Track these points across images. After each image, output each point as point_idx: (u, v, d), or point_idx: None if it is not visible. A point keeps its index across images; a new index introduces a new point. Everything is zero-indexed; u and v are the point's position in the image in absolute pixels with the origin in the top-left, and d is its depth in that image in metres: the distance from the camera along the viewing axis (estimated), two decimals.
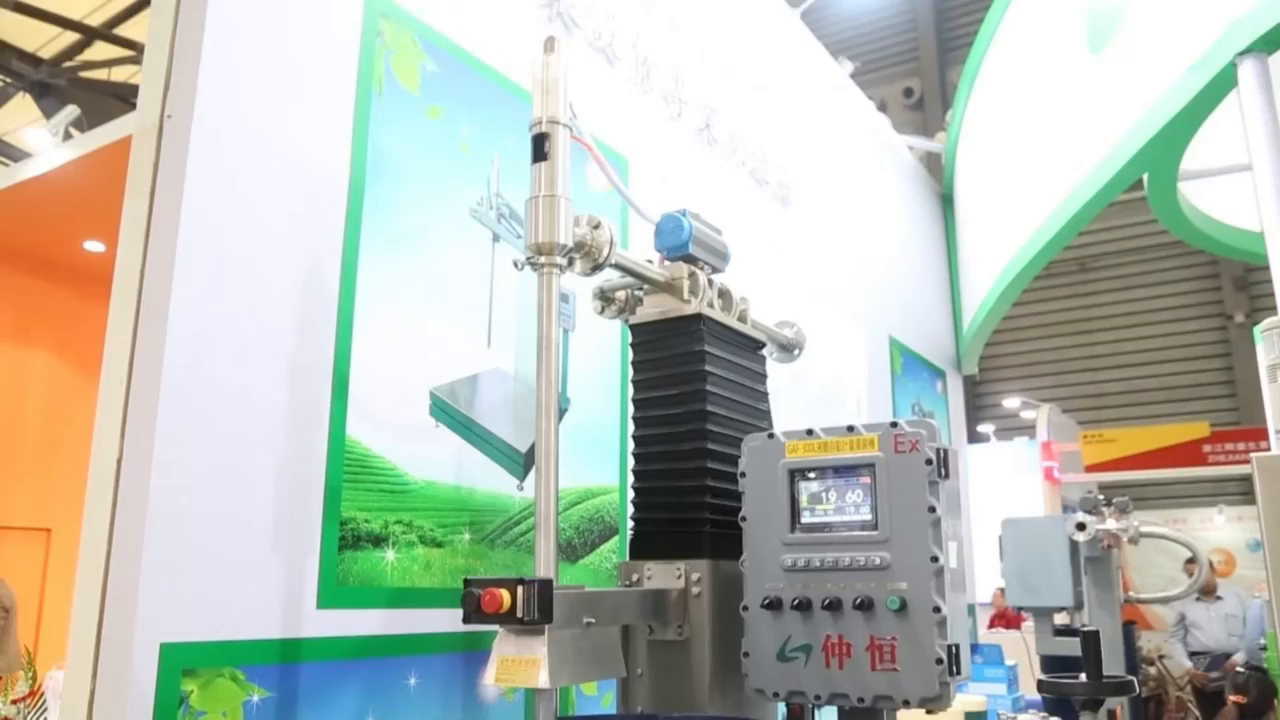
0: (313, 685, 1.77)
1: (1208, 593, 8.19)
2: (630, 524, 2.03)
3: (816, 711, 1.99)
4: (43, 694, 3.60)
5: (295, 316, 1.83)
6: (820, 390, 3.89)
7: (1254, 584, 9.33)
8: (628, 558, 2.00)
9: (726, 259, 2.21)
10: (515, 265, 1.78)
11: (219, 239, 1.72)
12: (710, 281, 2.10)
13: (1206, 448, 11.17)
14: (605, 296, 2.13)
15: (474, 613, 1.52)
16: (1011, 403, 12.24)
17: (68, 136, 4.62)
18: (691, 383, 1.99)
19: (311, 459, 1.82)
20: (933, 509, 1.72)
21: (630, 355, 2.09)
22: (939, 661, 1.68)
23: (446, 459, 2.09)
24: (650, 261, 2.09)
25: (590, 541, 2.43)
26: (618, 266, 1.92)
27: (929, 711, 1.77)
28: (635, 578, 1.94)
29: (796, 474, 1.83)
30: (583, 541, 2.41)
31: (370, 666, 1.87)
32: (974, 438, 10.86)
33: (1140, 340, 14.23)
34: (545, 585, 1.53)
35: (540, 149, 1.76)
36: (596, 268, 1.86)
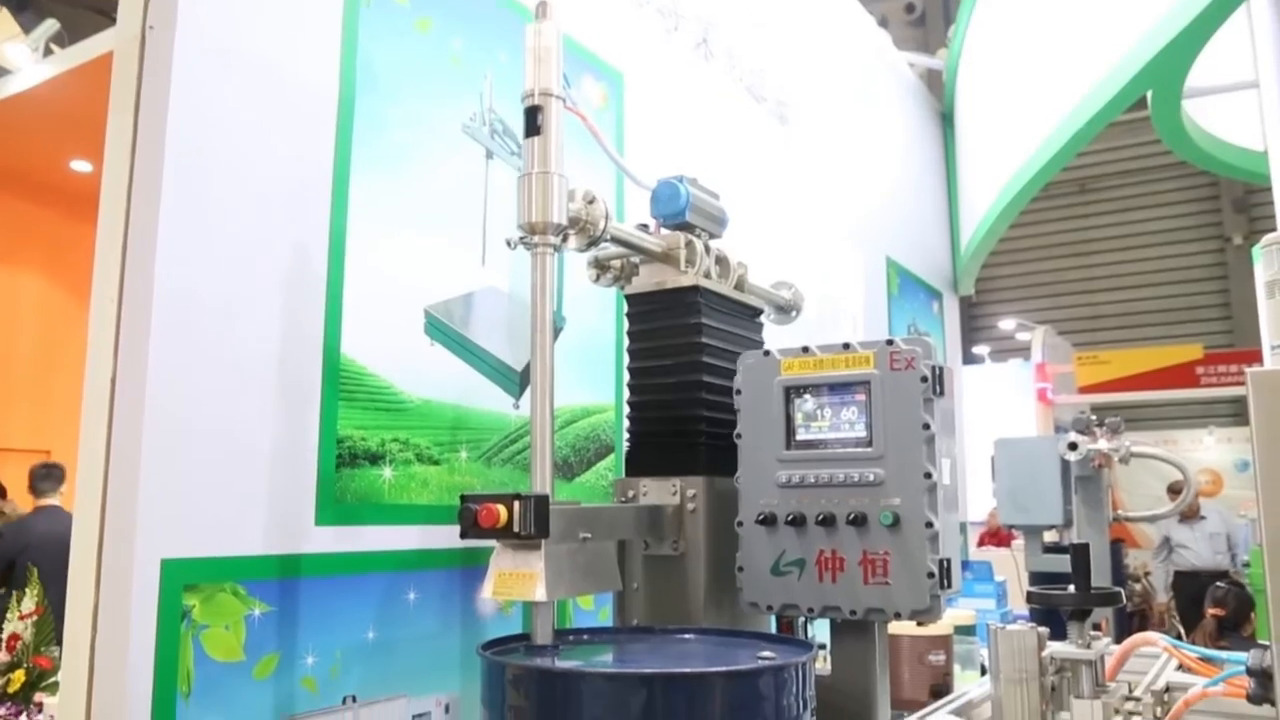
0: (313, 600, 1.79)
1: (1189, 515, 8.31)
2: (626, 440, 2.04)
3: (810, 624, 2.03)
4: (48, 613, 3.66)
5: (286, 233, 1.81)
6: (816, 310, 3.89)
7: (1240, 503, 9.48)
8: (624, 475, 2.02)
9: (724, 224, 2.18)
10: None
11: (206, 155, 1.69)
12: (708, 248, 2.08)
13: (1199, 370, 11.24)
14: (600, 264, 2.10)
15: (471, 528, 1.54)
16: (1007, 324, 12.26)
17: (48, 52, 4.51)
18: (688, 354, 1.99)
19: (306, 377, 1.81)
20: (927, 426, 1.73)
21: (625, 325, 2.08)
22: (930, 575, 1.71)
23: (443, 377, 2.09)
24: (645, 226, 2.06)
25: (586, 459, 2.45)
26: (614, 240, 1.89)
27: (919, 624, 1.80)
28: (631, 494, 1.96)
29: (792, 391, 1.84)
30: (579, 459, 2.43)
31: (369, 582, 1.90)
32: (969, 359, 10.90)
33: (1137, 262, 14.20)
34: (542, 501, 1.54)
35: (533, 122, 1.71)
36: (592, 243, 1.83)
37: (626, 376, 2.06)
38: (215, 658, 1.63)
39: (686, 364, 1.98)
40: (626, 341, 2.07)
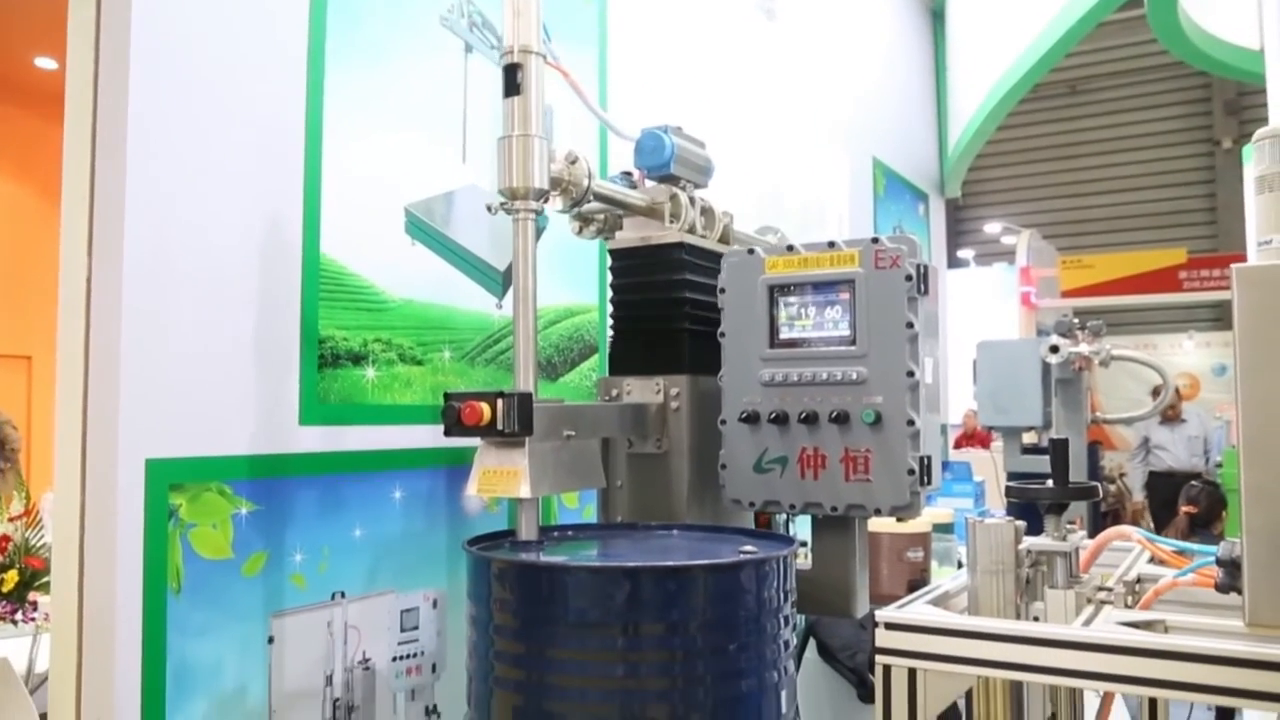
0: (299, 499, 1.80)
1: (1172, 416, 8.44)
2: (610, 338, 2.04)
3: (791, 522, 2.07)
4: (39, 513, 3.68)
5: (260, 130, 1.76)
6: (801, 211, 3.86)
7: (1216, 406, 9.63)
8: (607, 374, 2.02)
9: (709, 174, 2.13)
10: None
11: (174, 48, 1.63)
12: (692, 200, 2.04)
13: (1182, 274, 11.27)
14: (583, 217, 2.06)
15: (455, 425, 1.54)
16: (993, 228, 12.22)
17: None
18: (672, 309, 1.96)
19: (285, 276, 1.79)
20: (911, 324, 1.73)
21: (609, 278, 2.05)
22: (911, 472, 1.73)
23: (424, 277, 2.07)
24: (629, 174, 2.01)
25: (570, 360, 2.45)
26: (597, 198, 1.85)
27: (899, 520, 1.83)
28: (615, 393, 1.97)
29: (776, 290, 1.83)
30: (562, 360, 2.43)
31: (355, 481, 1.91)
32: (954, 263, 10.90)
33: (1125, 166, 14.10)
34: (525, 398, 1.54)
35: (512, 81, 1.64)
36: (575, 204, 1.79)
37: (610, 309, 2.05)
38: (204, 555, 1.65)
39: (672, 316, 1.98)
40: (610, 293, 2.05)
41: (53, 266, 1.62)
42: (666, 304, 1.96)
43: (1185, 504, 5.48)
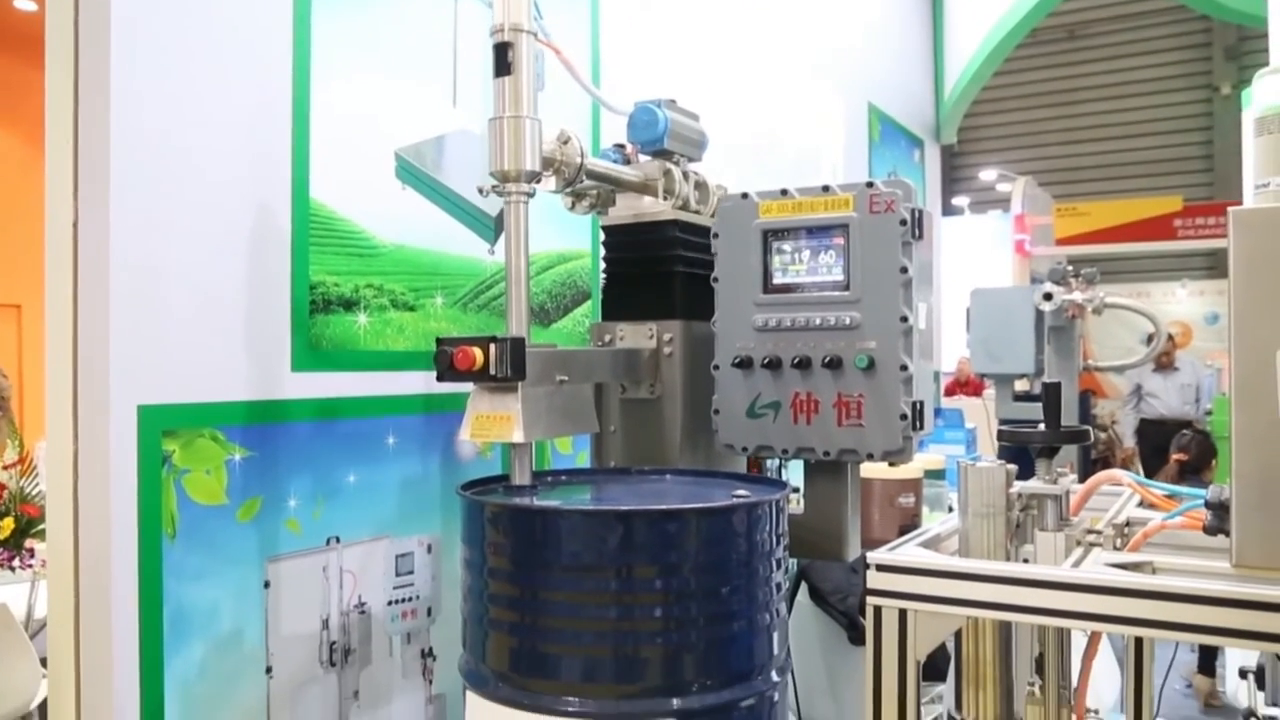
0: (293, 445, 1.80)
1: (1165, 364, 8.45)
2: (602, 283, 2.03)
3: (783, 467, 2.08)
4: (34, 461, 3.69)
5: (246, 71, 1.73)
6: (796, 157, 3.82)
7: (1207, 355, 9.66)
8: (600, 319, 2.01)
9: (703, 147, 2.10)
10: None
11: None
12: (686, 175, 2.01)
13: (1177, 222, 11.26)
14: (576, 193, 2.03)
15: (448, 370, 1.54)
16: (988, 175, 12.15)
17: None
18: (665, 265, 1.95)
19: (275, 220, 1.77)
20: (905, 269, 1.72)
21: (602, 252, 2.03)
22: (903, 417, 1.73)
23: (415, 222, 2.05)
24: (621, 146, 1.98)
25: (563, 306, 2.44)
26: (590, 176, 1.82)
27: (891, 465, 1.84)
28: (608, 338, 1.96)
29: (770, 235, 1.82)
30: (555, 306, 2.42)
31: (349, 427, 1.91)
32: (948, 211, 10.85)
33: (1123, 112, 13.99)
34: (518, 343, 1.54)
35: (503, 61, 1.59)
36: (568, 184, 1.77)
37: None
38: (198, 501, 1.65)
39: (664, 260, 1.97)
40: (602, 265, 2.03)
41: (40, 214, 1.60)
42: (658, 261, 1.96)
43: (1176, 451, 5.52)
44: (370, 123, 1.96)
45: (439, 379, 1.57)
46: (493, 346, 1.52)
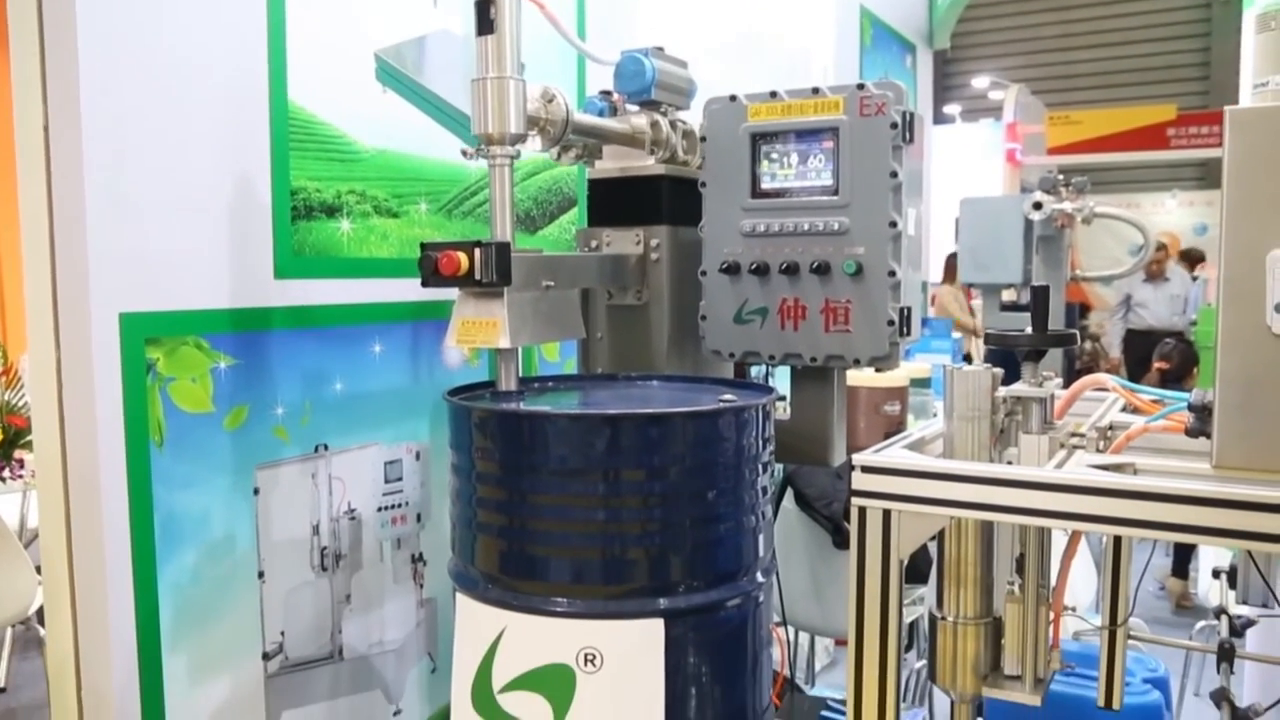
0: (278, 353, 1.79)
1: (1156, 274, 8.43)
2: (588, 189, 2.00)
3: (771, 375, 2.08)
4: (18, 373, 3.68)
5: None
6: (787, 62, 3.74)
7: (1194, 265, 9.66)
8: (586, 225, 1.99)
9: (691, 95, 2.04)
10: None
11: None
12: (674, 125, 1.95)
13: (1170, 131, 11.14)
14: (562, 144, 1.97)
15: (432, 276, 1.52)
16: (980, 82, 11.95)
17: None
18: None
19: (253, 123, 1.73)
20: (894, 174, 1.70)
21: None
22: (890, 323, 1.73)
23: (398, 126, 2.00)
24: (608, 93, 1.93)
25: (549, 213, 2.41)
26: (577, 131, 1.76)
27: (878, 370, 1.84)
28: (594, 244, 1.94)
29: (758, 138, 1.79)
30: (541, 213, 2.38)
31: (334, 335, 1.90)
32: (940, 119, 10.70)
33: (1119, 18, 13.71)
34: (503, 248, 1.52)
35: (485, 18, 1.53)
36: (554, 142, 1.72)
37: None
38: (185, 409, 1.65)
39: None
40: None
41: (8, 118, 1.55)
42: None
43: (1158, 360, 5.56)
44: (349, 23, 1.90)
45: (424, 284, 1.56)
46: (478, 251, 1.51)
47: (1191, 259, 9.19)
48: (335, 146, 1.88)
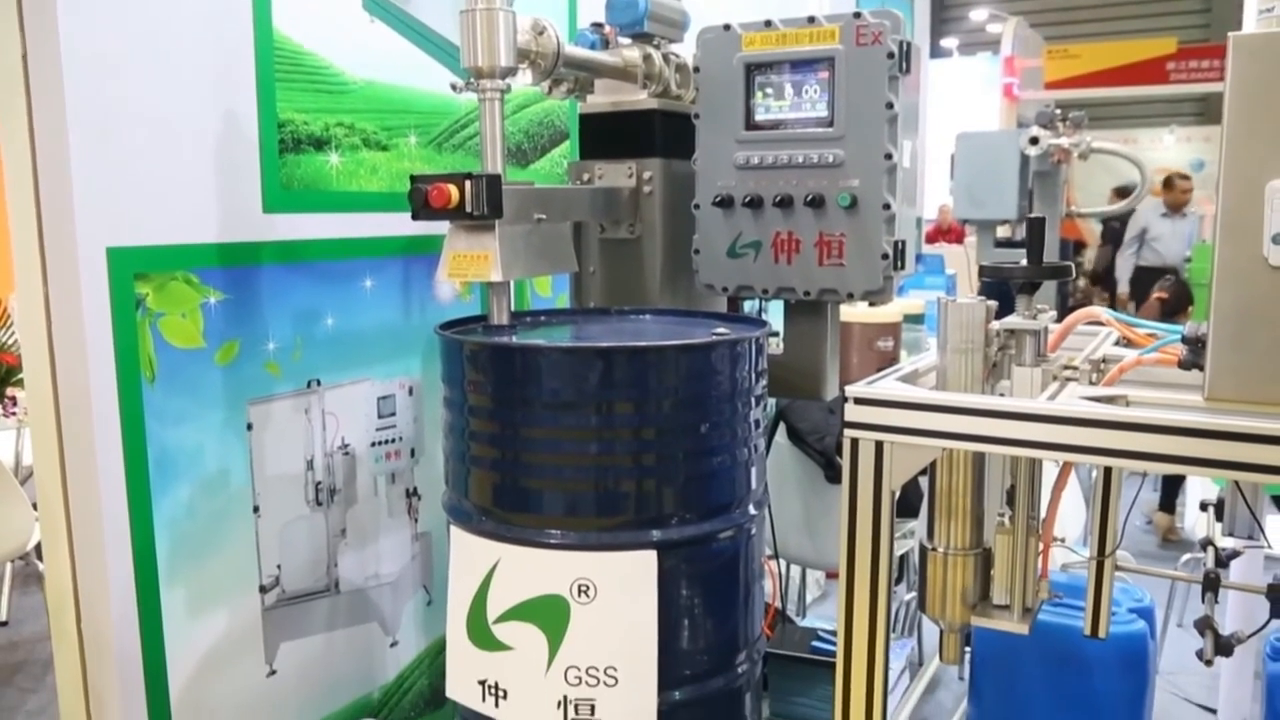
0: (268, 288, 1.78)
1: (1176, 208, 8.30)
2: (580, 122, 1.97)
3: (764, 310, 2.08)
4: (8, 311, 3.66)
5: None
6: None
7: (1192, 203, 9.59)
8: (578, 158, 1.97)
9: (685, 28, 1.99)
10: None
11: None
12: (667, 58, 1.91)
13: (1170, 65, 11.01)
14: (554, 79, 1.91)
15: (422, 208, 1.50)
16: (979, 14, 11.78)
17: None
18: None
19: (237, 53, 1.69)
20: (891, 105, 1.68)
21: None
22: (885, 257, 1.72)
23: (386, 57, 1.96)
24: (600, 26, 1.88)
25: (540, 146, 2.38)
26: (568, 65, 1.73)
27: (871, 304, 1.84)
28: (586, 177, 1.92)
29: (753, 69, 1.76)
30: (532, 146, 2.35)
31: (324, 270, 1.88)
32: (937, 53, 10.56)
33: None
34: (494, 180, 1.50)
35: None
36: (545, 76, 1.68)
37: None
38: (175, 344, 1.64)
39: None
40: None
41: None
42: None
43: (1158, 291, 5.59)
44: None
45: (414, 217, 1.54)
46: (468, 183, 1.49)
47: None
48: (322, 78, 1.84)
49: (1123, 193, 7.20)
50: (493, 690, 1.49)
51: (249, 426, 1.77)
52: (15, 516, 3.25)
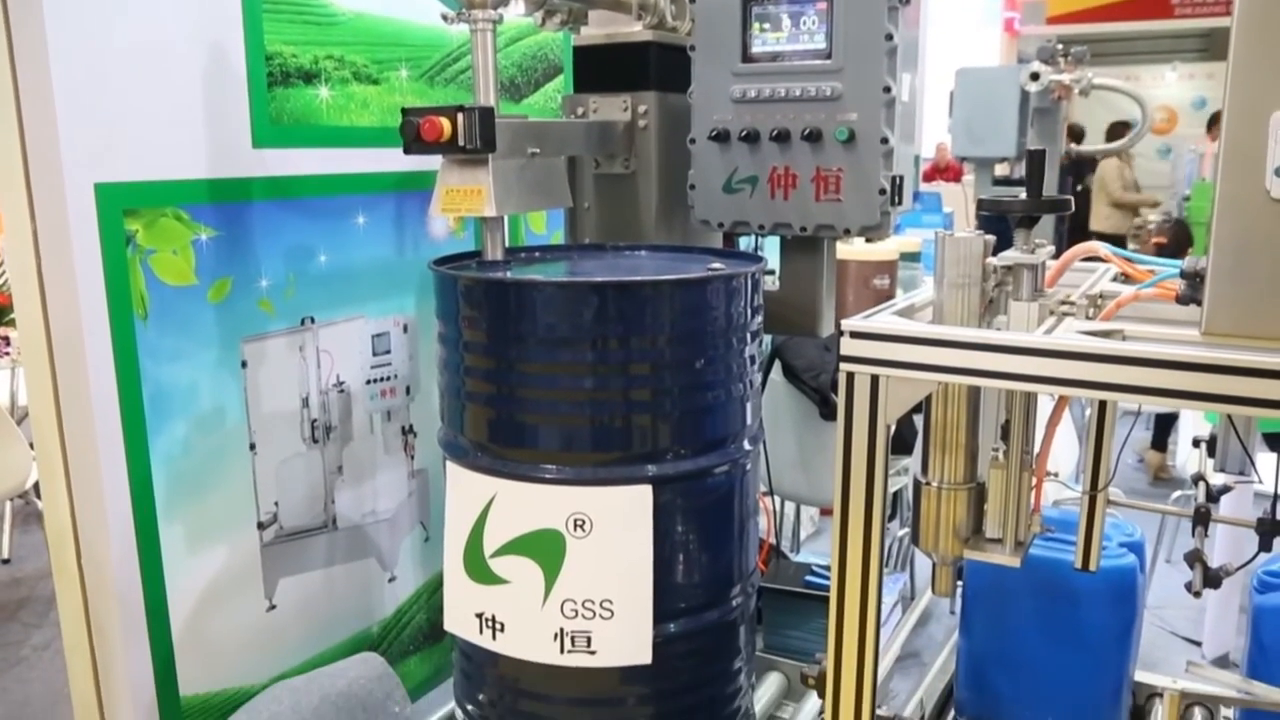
0: (260, 224, 1.76)
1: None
2: (575, 55, 1.94)
3: (760, 248, 2.06)
4: None
5: None
6: None
7: (1192, 140, 9.52)
8: (573, 91, 1.94)
9: None
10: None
11: None
12: None
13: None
14: (547, 10, 1.85)
15: (414, 142, 1.48)
16: None
17: None
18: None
19: None
20: (890, 36, 1.65)
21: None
22: (882, 192, 1.71)
23: None
24: None
25: (534, 80, 2.34)
26: None
27: (868, 240, 1.83)
28: (581, 111, 1.89)
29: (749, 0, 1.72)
30: (526, 80, 2.31)
31: (316, 206, 1.86)
32: None
33: None
34: (486, 112, 1.48)
35: None
36: (537, 7, 1.64)
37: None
38: (167, 282, 1.62)
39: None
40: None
41: None
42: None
43: (1156, 234, 5.58)
44: None
45: (406, 151, 1.52)
46: (460, 116, 1.46)
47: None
48: (311, 9, 1.80)
49: (1114, 132, 7.10)
50: (490, 623, 1.51)
51: (243, 364, 1.76)
52: (12, 455, 3.26)
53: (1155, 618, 3.44)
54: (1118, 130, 6.93)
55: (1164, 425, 4.94)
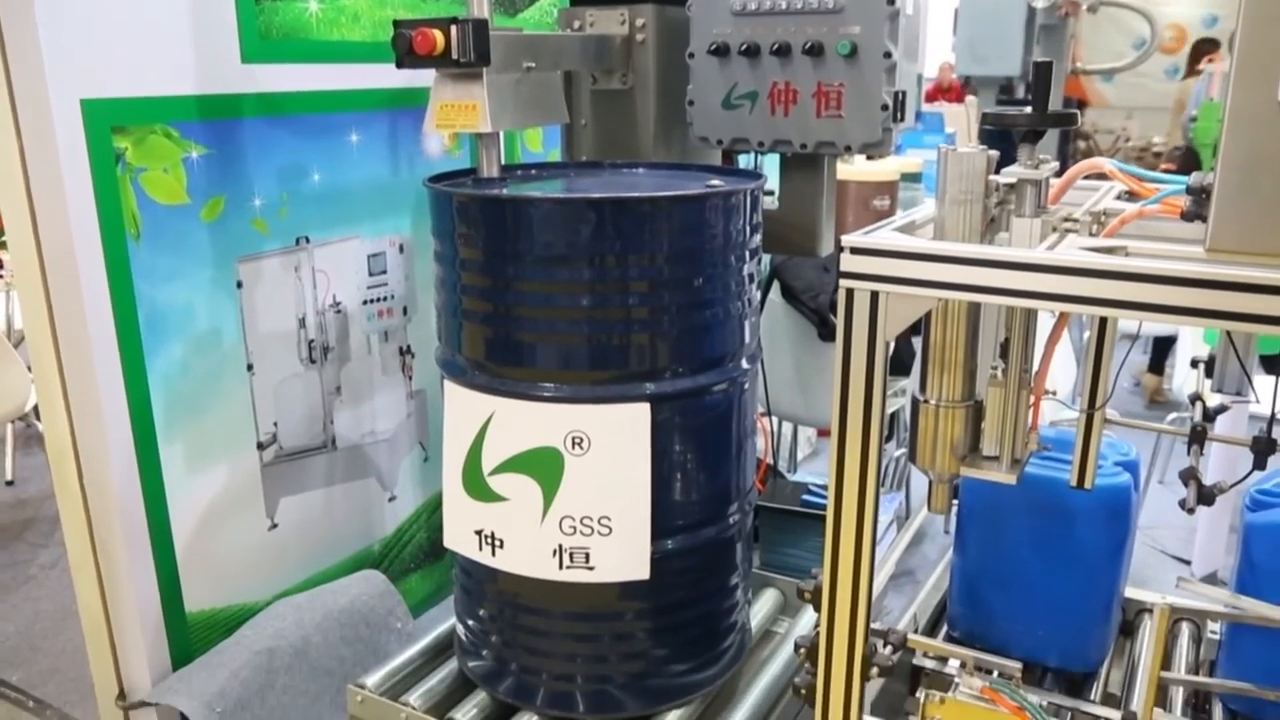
0: (251, 142, 1.73)
1: (1194, 74, 8.03)
2: None
3: (760, 161, 2.03)
4: None
5: None
6: None
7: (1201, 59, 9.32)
8: (569, 5, 1.89)
9: None
10: None
11: None
12: None
13: None
14: None
15: (406, 55, 1.45)
16: None
17: None
18: None
19: None
20: None
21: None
22: (884, 108, 1.67)
23: None
24: None
25: None
26: None
27: (869, 158, 1.80)
28: (577, 24, 1.85)
29: None
30: None
31: (309, 124, 1.83)
32: None
33: None
34: (480, 25, 1.44)
35: None
36: None
37: None
38: (159, 200, 1.60)
39: None
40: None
41: None
42: None
43: (1165, 163, 5.53)
44: None
45: (398, 65, 1.48)
46: (454, 28, 1.43)
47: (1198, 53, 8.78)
48: None
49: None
50: (489, 540, 1.52)
51: (239, 284, 1.75)
52: (11, 378, 3.26)
53: (1147, 538, 3.49)
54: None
55: (1161, 349, 4.95)
